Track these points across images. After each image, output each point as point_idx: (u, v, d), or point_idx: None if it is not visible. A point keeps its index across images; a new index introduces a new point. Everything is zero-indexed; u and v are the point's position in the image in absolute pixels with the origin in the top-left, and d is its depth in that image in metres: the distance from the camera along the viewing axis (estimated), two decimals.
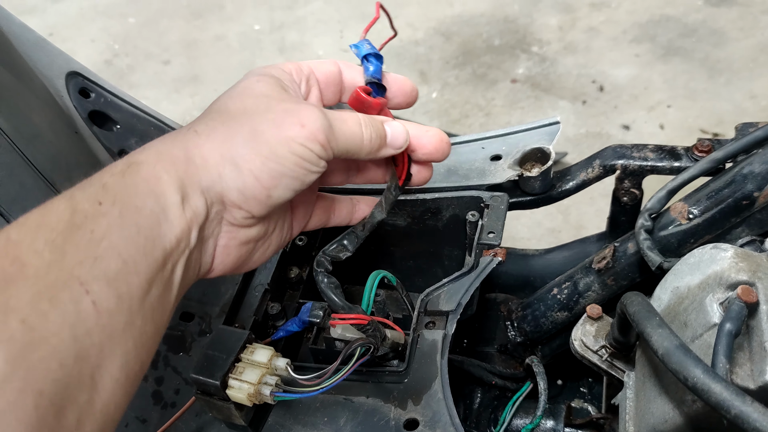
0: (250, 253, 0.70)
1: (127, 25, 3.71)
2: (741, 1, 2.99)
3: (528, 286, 1.20)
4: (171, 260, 0.58)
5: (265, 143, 0.62)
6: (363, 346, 0.78)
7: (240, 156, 0.62)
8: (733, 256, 0.68)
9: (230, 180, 0.62)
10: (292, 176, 0.64)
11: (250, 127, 0.62)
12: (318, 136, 0.63)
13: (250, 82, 0.67)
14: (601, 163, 1.05)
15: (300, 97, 0.71)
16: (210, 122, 0.64)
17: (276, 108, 0.64)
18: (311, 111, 0.64)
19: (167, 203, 0.58)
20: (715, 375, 0.57)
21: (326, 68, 0.74)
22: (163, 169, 0.59)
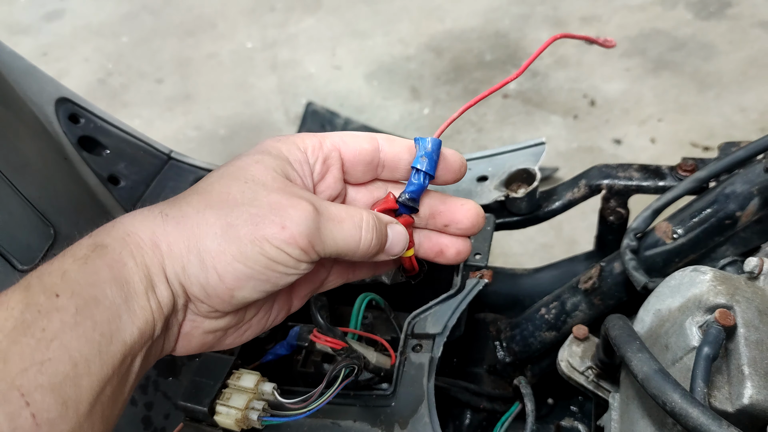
0: (218, 339, 0.65)
1: (120, 45, 3.73)
2: (730, 15, 3.02)
3: (517, 305, 1.20)
4: (131, 354, 0.54)
5: (235, 241, 0.56)
6: (347, 367, 0.78)
7: (206, 251, 0.57)
8: (711, 279, 0.69)
9: (193, 275, 0.57)
10: (261, 279, 0.58)
11: (226, 221, 0.57)
12: (298, 240, 0.57)
13: (247, 163, 0.61)
14: (587, 183, 1.06)
15: (308, 183, 0.65)
16: (185, 206, 0.59)
17: (262, 200, 0.58)
18: (300, 209, 0.58)
19: (131, 292, 0.55)
20: (692, 400, 0.58)
21: (358, 145, 0.66)
22: (129, 254, 0.56)
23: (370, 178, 0.69)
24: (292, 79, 3.23)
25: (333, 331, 0.77)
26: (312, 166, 0.65)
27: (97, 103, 3.30)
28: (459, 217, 0.69)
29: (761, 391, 0.60)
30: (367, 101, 2.99)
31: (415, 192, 0.67)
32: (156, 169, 1.24)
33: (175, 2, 4.01)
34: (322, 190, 0.66)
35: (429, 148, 0.65)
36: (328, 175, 0.66)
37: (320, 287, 0.72)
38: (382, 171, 0.68)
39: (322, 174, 0.66)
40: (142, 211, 0.59)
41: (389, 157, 0.67)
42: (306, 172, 0.64)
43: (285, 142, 0.64)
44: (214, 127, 3.04)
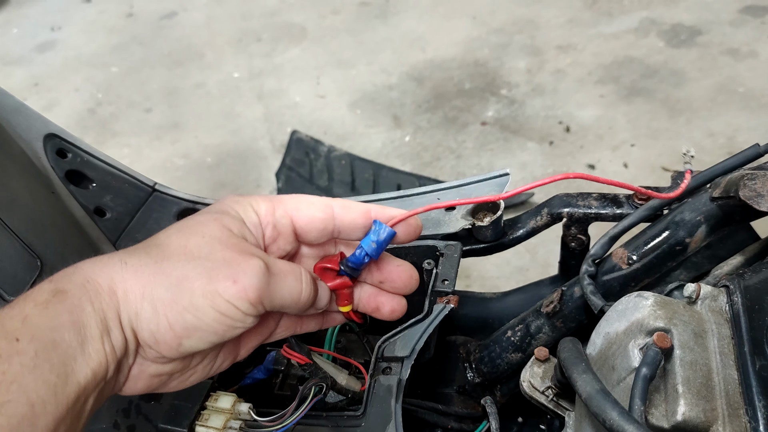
0: (163, 382, 0.68)
1: (110, 75, 3.78)
2: (700, 43, 3.11)
3: (487, 327, 1.24)
4: (84, 394, 0.57)
5: (188, 292, 0.60)
6: (316, 386, 0.84)
7: (159, 299, 0.60)
8: (652, 304, 0.74)
9: (144, 320, 0.60)
10: (209, 331, 0.62)
11: (181, 273, 0.60)
12: (249, 294, 0.61)
13: (205, 219, 0.65)
14: (549, 211, 1.11)
15: (259, 243, 0.69)
16: (143, 256, 0.62)
17: (216, 255, 0.62)
18: (251, 266, 0.62)
19: (87, 336, 0.57)
20: (629, 417, 0.62)
21: (310, 214, 0.70)
22: (87, 300, 0.58)
23: (325, 240, 0.74)
24: (277, 108, 3.29)
25: (300, 347, 0.83)
26: (264, 229, 0.69)
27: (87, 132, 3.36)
28: (393, 276, 0.76)
29: (693, 408, 0.65)
30: (350, 129, 3.06)
31: (356, 264, 0.72)
32: (141, 201, 1.28)
33: (164, 33, 4.07)
34: (273, 251, 0.71)
35: (381, 237, 0.71)
36: (279, 238, 0.71)
37: (269, 338, 0.77)
38: (338, 234, 0.73)
39: (274, 237, 0.70)
40: (102, 258, 0.63)
41: (345, 223, 0.71)
42: (259, 233, 0.69)
43: (242, 204, 0.69)
44: (202, 155, 3.09)
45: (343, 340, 1.09)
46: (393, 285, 0.77)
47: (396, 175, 2.66)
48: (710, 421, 0.65)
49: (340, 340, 1.08)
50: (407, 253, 1.11)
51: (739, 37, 3.16)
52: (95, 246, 1.19)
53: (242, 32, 3.93)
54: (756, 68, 2.96)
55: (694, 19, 3.29)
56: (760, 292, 0.73)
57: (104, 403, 0.98)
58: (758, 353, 0.68)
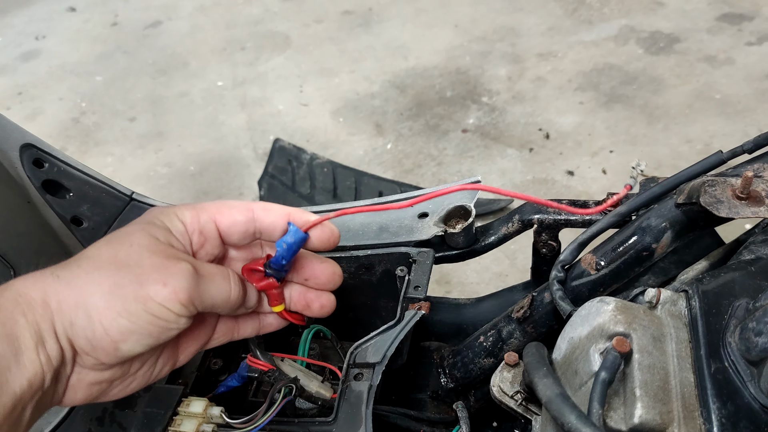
0: (103, 390, 0.70)
1: (94, 83, 3.78)
2: (678, 50, 3.15)
3: (461, 333, 1.25)
4: (21, 404, 0.58)
5: (120, 298, 0.62)
6: (286, 387, 0.85)
7: (93, 307, 0.62)
8: (613, 309, 0.75)
9: (80, 329, 0.62)
10: (144, 333, 0.64)
11: (113, 280, 0.63)
12: (180, 296, 0.64)
13: (132, 230, 0.68)
14: (520, 218, 1.12)
15: (187, 249, 0.71)
16: (75, 268, 0.64)
17: (145, 262, 0.64)
18: (179, 269, 0.65)
19: (21, 347, 0.59)
20: (586, 420, 0.64)
21: (232, 217, 0.74)
22: (20, 312, 0.60)
23: (248, 241, 0.77)
24: (261, 116, 3.30)
25: (264, 355, 0.85)
26: (190, 236, 0.72)
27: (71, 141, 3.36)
28: (317, 273, 0.80)
29: (650, 411, 0.66)
30: (333, 137, 3.07)
31: (276, 265, 0.76)
32: (118, 210, 1.29)
33: (148, 42, 4.08)
34: (201, 256, 0.74)
35: (292, 240, 0.75)
36: (206, 243, 0.74)
37: (207, 344, 0.79)
38: (260, 236, 0.76)
39: (201, 243, 0.73)
40: (34, 273, 0.65)
41: (265, 225, 0.75)
42: (186, 240, 0.72)
43: (167, 214, 0.71)
44: (185, 163, 3.09)
45: (316, 347, 1.10)
46: (318, 282, 0.81)
47: (377, 183, 2.67)
48: (666, 423, 0.66)
49: (314, 347, 1.09)
50: (381, 260, 1.12)
51: (716, 44, 3.20)
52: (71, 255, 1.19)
53: (226, 41, 3.94)
54: (732, 75, 3.01)
55: (672, 27, 3.33)
56: (717, 297, 0.75)
57: (79, 411, 1.00)
58: (714, 356, 0.69)
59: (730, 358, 0.69)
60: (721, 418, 0.65)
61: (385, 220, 1.17)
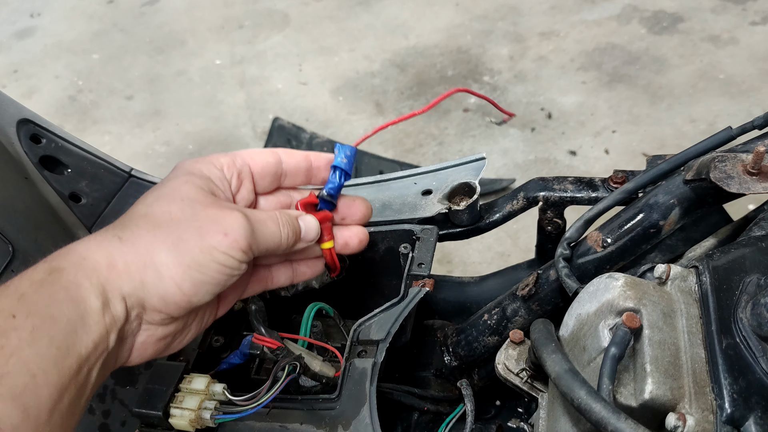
0: (168, 345, 0.72)
1: (90, 62, 3.75)
2: (682, 29, 3.12)
3: (464, 312, 1.25)
4: (87, 365, 0.60)
5: (188, 252, 0.65)
6: (290, 364, 0.85)
7: (163, 264, 0.64)
8: (622, 285, 0.74)
9: (152, 287, 0.64)
10: (213, 283, 0.67)
11: (175, 236, 0.65)
12: (240, 243, 0.67)
13: (177, 184, 0.70)
14: (525, 195, 1.11)
15: (229, 196, 0.74)
16: (135, 228, 0.66)
17: (201, 215, 0.67)
18: (235, 218, 0.68)
19: (86, 310, 0.60)
20: (596, 395, 0.63)
21: (263, 159, 0.77)
22: (84, 276, 0.61)
23: (275, 186, 0.80)
24: (259, 95, 3.27)
25: (270, 333, 0.84)
26: (229, 181, 0.74)
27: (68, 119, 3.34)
28: (353, 210, 0.83)
29: (660, 387, 0.66)
30: (332, 116, 3.05)
31: (333, 189, 0.80)
32: (117, 187, 1.27)
33: (145, 20, 4.04)
34: (238, 201, 0.76)
35: (348, 153, 0.79)
36: (242, 187, 0.76)
37: (243, 293, 0.81)
38: (284, 180, 0.80)
39: (238, 187, 0.75)
40: (96, 236, 0.66)
41: (290, 167, 0.78)
42: (225, 186, 0.74)
43: (203, 163, 0.73)
44: (183, 142, 3.07)
45: (319, 324, 1.09)
46: (354, 218, 0.84)
47: (378, 162, 2.66)
48: (677, 399, 0.65)
49: (317, 324, 1.08)
50: (384, 237, 1.11)
51: (720, 23, 3.18)
52: (70, 231, 1.18)
53: (224, 19, 3.90)
54: (736, 55, 2.98)
55: (676, 6, 3.30)
56: (728, 272, 0.74)
57: None
58: (725, 332, 0.68)
59: (741, 333, 0.68)
60: (733, 394, 0.64)
61: (389, 197, 1.16)
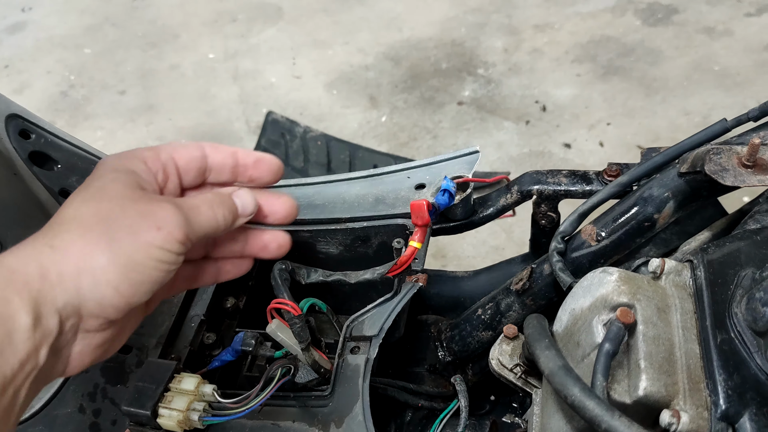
0: (106, 351, 0.70)
1: (83, 56, 3.72)
2: (676, 21, 3.12)
3: (459, 306, 1.24)
4: (13, 386, 0.57)
5: (123, 252, 0.62)
6: (283, 367, 0.84)
7: (98, 268, 0.61)
8: (616, 280, 0.73)
9: (88, 294, 0.61)
10: (151, 281, 0.65)
11: (108, 237, 0.62)
12: (176, 235, 0.65)
13: (104, 183, 0.67)
14: (518, 189, 1.10)
15: (156, 189, 0.72)
16: (66, 234, 0.63)
17: (131, 211, 0.65)
18: (166, 210, 0.66)
19: (14, 327, 0.57)
20: (590, 392, 0.63)
21: (188, 153, 0.75)
22: (14, 291, 0.58)
23: (200, 181, 0.78)
24: (253, 89, 3.26)
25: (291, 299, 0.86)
26: (155, 175, 0.73)
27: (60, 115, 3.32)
28: (276, 208, 0.80)
29: (655, 383, 0.65)
30: (326, 110, 3.04)
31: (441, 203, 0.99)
32: None
33: (138, 14, 4.01)
34: (165, 195, 0.74)
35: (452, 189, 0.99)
36: (168, 182, 0.74)
37: (168, 294, 0.80)
38: (209, 175, 0.78)
39: (164, 181, 0.74)
40: (26, 246, 0.63)
41: (216, 162, 0.77)
42: (152, 180, 0.72)
43: (127, 158, 0.71)
44: (176, 137, 3.06)
45: (312, 320, 1.08)
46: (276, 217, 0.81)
47: (372, 156, 2.65)
48: (671, 395, 0.65)
49: (310, 319, 1.07)
50: (378, 232, 1.10)
51: (715, 15, 3.17)
52: None
53: (217, 13, 3.88)
54: (731, 46, 2.98)
55: None
56: (722, 266, 0.73)
57: (70, 387, 0.99)
58: (719, 327, 0.68)
59: (736, 328, 0.67)
60: (727, 390, 0.64)
61: (382, 191, 1.15)
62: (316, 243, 1.13)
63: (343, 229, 1.11)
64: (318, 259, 1.15)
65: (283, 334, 0.91)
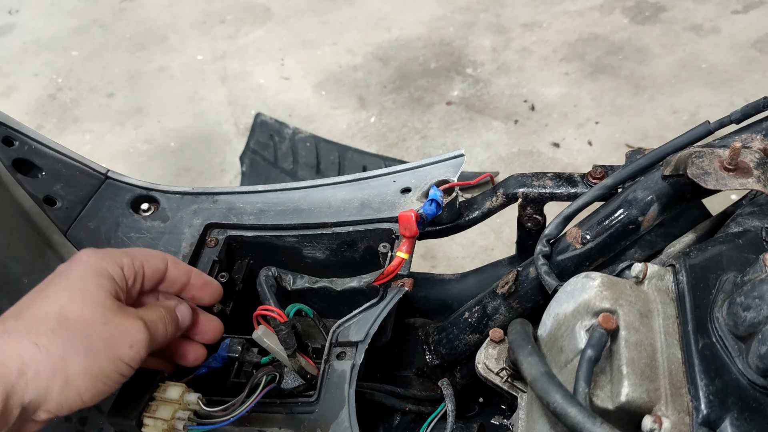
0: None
1: (70, 59, 3.70)
2: (664, 19, 3.12)
3: (446, 309, 1.24)
4: None
5: (97, 363, 0.70)
6: (268, 375, 0.84)
7: (72, 373, 0.68)
8: (599, 285, 0.73)
9: (56, 395, 0.67)
10: (108, 391, 0.72)
11: (87, 346, 0.70)
12: (141, 354, 0.74)
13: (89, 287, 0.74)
14: (504, 192, 1.11)
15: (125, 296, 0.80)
16: (51, 335, 0.68)
17: (110, 324, 0.72)
18: (138, 329, 0.75)
19: None
20: (572, 399, 0.63)
21: (155, 265, 0.85)
22: None
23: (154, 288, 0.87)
24: (241, 90, 3.25)
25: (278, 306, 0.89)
26: (127, 280, 0.81)
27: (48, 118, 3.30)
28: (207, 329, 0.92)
29: (637, 389, 0.65)
30: (315, 111, 3.03)
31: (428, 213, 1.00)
32: (93, 189, 1.25)
33: (125, 16, 3.99)
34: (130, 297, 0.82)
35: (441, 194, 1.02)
36: (134, 286, 0.82)
37: None
38: (162, 285, 0.87)
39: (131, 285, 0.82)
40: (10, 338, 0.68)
41: (172, 276, 0.87)
42: (124, 284, 0.80)
43: (108, 261, 0.79)
44: (165, 140, 3.05)
45: (298, 325, 1.08)
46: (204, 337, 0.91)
47: (361, 157, 2.64)
48: (653, 401, 0.65)
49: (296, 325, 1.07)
50: (364, 236, 1.10)
51: (702, 13, 3.18)
52: (44, 236, 1.17)
53: (205, 14, 3.86)
54: (718, 44, 2.99)
55: None
56: (704, 271, 0.74)
57: None
58: (701, 332, 0.68)
59: (717, 333, 0.68)
60: (709, 395, 0.64)
61: (367, 195, 1.15)
62: (302, 248, 1.13)
63: (329, 233, 1.11)
64: (304, 263, 1.15)
65: (269, 341, 0.91)
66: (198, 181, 2.77)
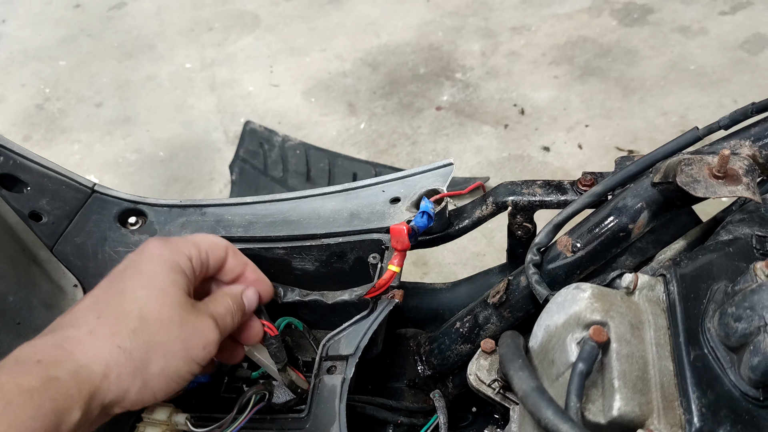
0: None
1: (58, 69, 3.68)
2: (652, 21, 3.13)
3: (437, 319, 1.24)
4: None
5: (174, 365, 0.72)
6: (257, 393, 0.83)
7: (151, 375, 0.70)
8: (589, 297, 0.73)
9: (133, 395, 0.69)
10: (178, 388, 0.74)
11: (166, 348, 0.71)
12: (213, 352, 0.75)
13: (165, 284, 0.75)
14: (493, 200, 1.10)
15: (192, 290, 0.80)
16: (134, 337, 0.70)
17: (187, 324, 0.74)
18: (211, 330, 0.76)
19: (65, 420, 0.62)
20: (563, 415, 0.62)
21: (217, 254, 0.85)
22: (76, 387, 0.64)
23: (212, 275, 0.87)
24: (230, 98, 3.24)
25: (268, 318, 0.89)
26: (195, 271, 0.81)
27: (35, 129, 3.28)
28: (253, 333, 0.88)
29: (629, 403, 0.64)
30: (305, 118, 3.02)
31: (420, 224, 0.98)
32: (79, 203, 1.24)
33: (113, 24, 3.97)
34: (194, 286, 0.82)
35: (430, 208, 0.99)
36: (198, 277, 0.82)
37: None
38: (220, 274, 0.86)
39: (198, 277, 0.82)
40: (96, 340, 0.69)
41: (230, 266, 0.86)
42: (193, 277, 0.80)
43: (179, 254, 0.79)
44: (154, 149, 3.03)
45: (289, 338, 1.07)
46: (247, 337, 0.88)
47: (352, 164, 2.63)
48: (646, 414, 0.64)
49: (286, 338, 1.06)
50: (353, 247, 1.09)
51: (690, 14, 3.19)
52: (30, 252, 1.15)
53: (194, 22, 3.85)
54: (706, 45, 2.99)
55: None
56: (695, 280, 0.73)
57: None
58: (693, 343, 0.68)
59: (709, 344, 0.67)
60: (701, 408, 0.63)
61: (357, 206, 1.14)
62: (291, 260, 1.12)
63: (319, 245, 1.10)
64: (294, 275, 1.14)
65: (260, 355, 0.90)
66: (188, 191, 2.76)
